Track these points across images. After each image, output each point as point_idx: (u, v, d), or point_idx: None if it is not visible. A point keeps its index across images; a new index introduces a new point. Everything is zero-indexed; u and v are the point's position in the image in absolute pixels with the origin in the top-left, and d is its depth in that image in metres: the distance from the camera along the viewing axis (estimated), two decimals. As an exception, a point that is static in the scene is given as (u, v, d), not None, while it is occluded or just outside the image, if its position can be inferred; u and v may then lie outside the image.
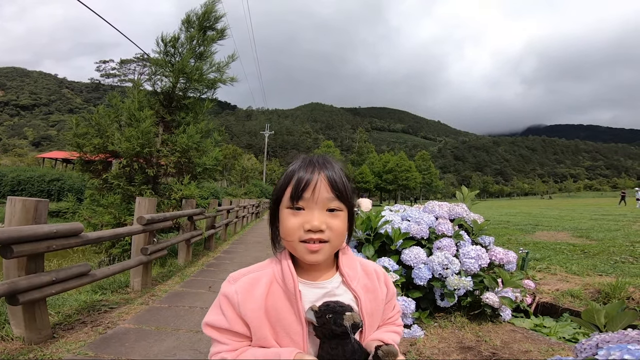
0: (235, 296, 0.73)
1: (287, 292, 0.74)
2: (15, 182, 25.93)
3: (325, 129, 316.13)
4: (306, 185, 0.72)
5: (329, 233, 0.73)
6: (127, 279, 4.29)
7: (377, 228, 3.33)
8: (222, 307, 0.74)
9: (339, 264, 0.80)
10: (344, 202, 0.75)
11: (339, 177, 0.75)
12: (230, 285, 0.75)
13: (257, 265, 0.80)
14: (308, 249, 0.72)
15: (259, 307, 0.73)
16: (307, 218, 0.72)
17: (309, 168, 0.75)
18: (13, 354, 2.24)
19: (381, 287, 0.83)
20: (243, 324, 0.73)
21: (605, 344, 1.27)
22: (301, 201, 0.73)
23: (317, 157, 0.79)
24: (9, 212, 2.37)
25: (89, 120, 6.44)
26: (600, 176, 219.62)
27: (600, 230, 7.83)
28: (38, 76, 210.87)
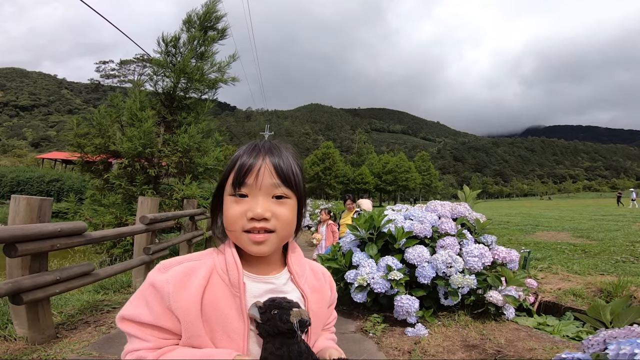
0: (165, 286, 0.63)
1: (229, 285, 0.67)
2: (15, 183, 25.92)
3: (325, 129, 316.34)
4: (248, 170, 0.67)
5: (275, 222, 0.67)
6: (128, 279, 4.30)
7: (380, 227, 3.34)
8: (148, 298, 0.64)
9: (287, 261, 0.75)
10: (291, 189, 0.69)
11: (286, 162, 0.69)
12: (161, 273, 0.65)
13: (196, 254, 0.71)
14: (252, 240, 0.66)
15: (194, 300, 0.64)
16: (250, 205, 0.66)
17: (253, 152, 0.69)
18: (16, 354, 2.23)
19: (327, 290, 0.80)
20: (172, 319, 0.64)
21: (612, 340, 1.27)
22: (244, 187, 0.67)
23: (264, 141, 0.73)
24: (12, 210, 2.36)
25: (89, 121, 6.44)
26: (599, 177, 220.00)
27: (600, 230, 7.84)
28: (37, 77, 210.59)
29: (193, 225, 6.33)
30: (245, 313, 0.66)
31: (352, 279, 3.14)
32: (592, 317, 1.54)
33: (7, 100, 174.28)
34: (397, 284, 2.92)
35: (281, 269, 0.74)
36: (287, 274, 0.74)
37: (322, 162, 61.87)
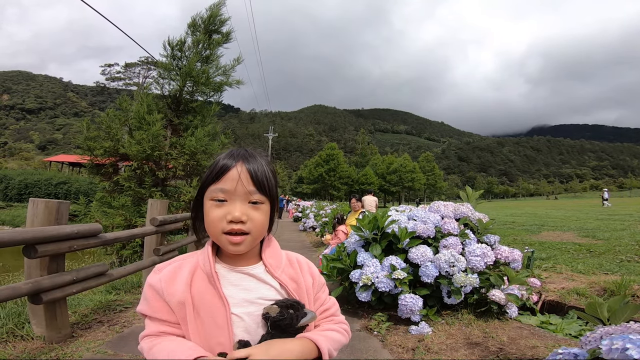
0: (159, 284, 0.76)
1: (207, 276, 0.77)
2: (23, 186, 26.22)
3: (329, 130, 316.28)
4: (228, 178, 0.75)
5: (250, 225, 0.75)
6: (139, 279, 4.39)
7: (384, 227, 3.40)
8: (147, 295, 0.77)
9: (262, 254, 0.84)
10: (265, 195, 0.77)
11: (261, 170, 0.78)
12: (155, 275, 0.78)
13: (182, 256, 0.83)
14: (230, 241, 0.75)
15: (181, 292, 0.75)
16: (229, 209, 0.75)
17: (231, 161, 0.77)
18: (34, 353, 2.30)
19: (305, 277, 0.87)
20: (168, 311, 0.75)
21: (608, 336, 1.33)
22: (223, 193, 0.75)
23: (242, 150, 0.81)
24: (31, 213, 2.45)
25: (98, 124, 6.57)
26: (606, 176, 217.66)
27: (606, 230, 7.83)
28: (43, 80, 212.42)
29: (200, 227, 6.43)
30: (224, 298, 0.75)
31: (356, 278, 3.20)
32: (590, 314, 1.59)
33: (14, 104, 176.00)
34: (401, 283, 2.98)
35: (257, 261, 0.83)
36: (262, 265, 0.83)
37: (326, 163, 61.85)
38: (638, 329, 1.34)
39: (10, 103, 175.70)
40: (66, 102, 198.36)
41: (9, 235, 2.01)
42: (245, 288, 0.79)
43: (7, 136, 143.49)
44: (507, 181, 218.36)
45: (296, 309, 0.75)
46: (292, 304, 0.75)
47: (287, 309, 0.74)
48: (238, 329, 0.75)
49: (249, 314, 0.77)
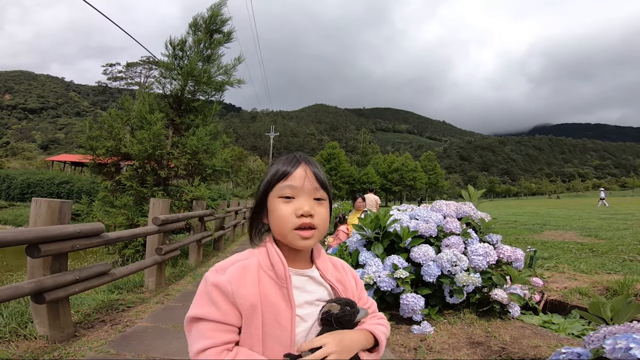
0: (228, 286, 0.74)
1: (275, 279, 0.78)
2: (25, 185, 26.31)
3: (330, 130, 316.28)
4: (296, 176, 0.80)
5: (317, 219, 0.80)
6: (141, 279, 4.39)
7: (386, 227, 3.40)
8: (214, 298, 0.73)
9: (314, 259, 0.88)
10: (326, 192, 0.83)
11: (320, 170, 0.84)
12: (219, 275, 0.76)
13: (240, 255, 0.82)
14: (301, 236, 0.78)
15: (253, 293, 0.75)
16: (298, 205, 0.79)
17: (294, 162, 0.83)
18: (37, 353, 2.30)
19: (349, 280, 0.92)
20: (236, 314, 0.74)
21: (612, 336, 1.33)
22: (291, 189, 0.79)
23: (299, 154, 0.87)
24: (34, 213, 2.46)
25: (100, 123, 6.58)
26: (609, 175, 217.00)
27: (608, 229, 7.80)
28: (45, 79, 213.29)
29: (202, 226, 6.45)
30: (292, 301, 0.78)
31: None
32: (592, 313, 1.59)
33: (16, 103, 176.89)
34: (403, 283, 2.97)
35: (311, 265, 0.87)
36: (317, 269, 0.86)
37: (327, 162, 61.85)
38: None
39: (12, 103, 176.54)
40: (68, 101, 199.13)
41: (12, 235, 2.01)
42: (306, 290, 0.82)
43: (9, 136, 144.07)
44: (509, 180, 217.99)
45: (352, 306, 0.81)
46: (348, 302, 0.81)
47: (345, 305, 0.79)
48: (299, 329, 0.78)
49: (308, 315, 0.80)
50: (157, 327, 2.93)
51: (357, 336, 0.79)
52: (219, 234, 7.63)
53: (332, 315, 0.78)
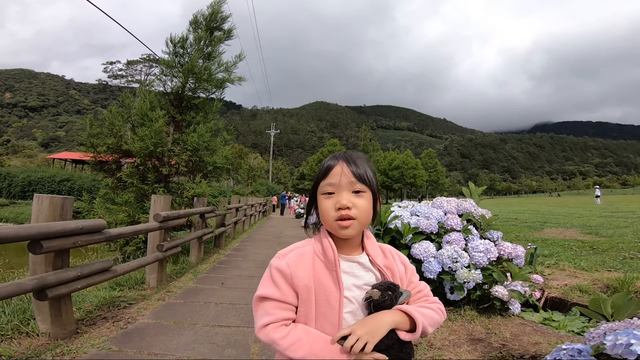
0: (287, 269, 0.87)
1: (327, 263, 0.88)
2: (26, 183, 26.32)
3: (331, 127, 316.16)
4: (334, 174, 0.89)
5: (355, 211, 0.87)
6: (142, 276, 4.40)
7: (387, 223, 3.39)
8: (275, 279, 0.87)
9: (364, 246, 0.95)
10: (365, 184, 0.90)
11: (360, 164, 0.91)
12: (281, 260, 0.89)
13: (299, 243, 0.95)
14: (340, 225, 0.87)
15: (307, 275, 0.86)
16: (337, 199, 0.88)
17: (334, 160, 0.92)
18: (40, 350, 2.30)
19: (398, 266, 0.98)
20: (293, 294, 0.86)
21: (612, 332, 1.33)
22: (331, 186, 0.89)
23: (342, 152, 0.96)
24: (36, 209, 2.46)
25: (101, 121, 6.58)
26: (609, 173, 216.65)
27: (609, 227, 7.80)
28: (45, 78, 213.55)
29: (203, 223, 6.46)
30: (341, 283, 0.87)
31: None
32: (593, 310, 1.59)
33: (16, 102, 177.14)
34: None
35: (361, 251, 0.95)
36: (366, 256, 0.94)
37: (328, 160, 61.74)
38: (642, 325, 1.34)
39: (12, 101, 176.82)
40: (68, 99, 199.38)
41: (14, 231, 2.02)
42: (354, 275, 0.91)
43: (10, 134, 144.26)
44: (510, 178, 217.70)
45: (393, 290, 0.85)
46: (389, 285, 0.86)
47: (386, 291, 0.84)
48: (346, 309, 0.87)
49: (356, 297, 0.88)
50: (158, 324, 2.94)
51: (387, 317, 0.83)
52: (220, 231, 7.64)
53: (373, 300, 0.83)
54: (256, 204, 15.53)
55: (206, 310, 3.40)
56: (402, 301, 0.87)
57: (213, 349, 2.52)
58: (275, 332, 0.83)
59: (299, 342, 0.82)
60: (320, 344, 0.81)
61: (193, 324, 2.99)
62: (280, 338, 0.83)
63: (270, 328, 0.84)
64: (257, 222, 15.65)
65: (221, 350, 2.51)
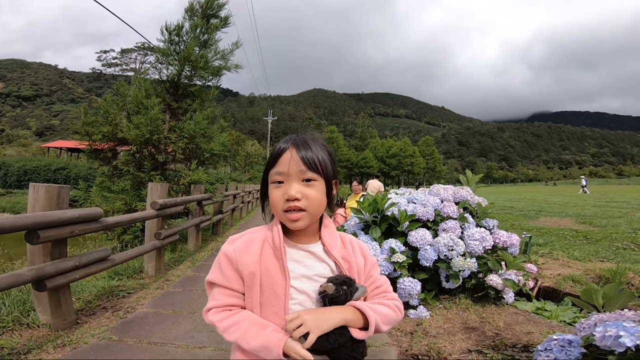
0: (233, 254, 0.84)
1: (275, 251, 0.84)
2: (22, 172, 26.12)
3: (328, 114, 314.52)
4: (282, 161, 0.83)
5: (305, 202, 0.81)
6: (140, 264, 4.42)
7: (384, 210, 3.39)
8: (222, 265, 0.85)
9: (321, 234, 0.91)
10: (317, 173, 0.83)
11: (313, 150, 0.84)
12: (229, 245, 0.87)
13: (253, 229, 0.91)
14: (289, 218, 0.82)
15: (254, 262, 0.83)
16: (286, 189, 0.82)
17: (284, 145, 0.85)
18: (41, 341, 2.31)
19: (357, 258, 0.93)
20: (239, 280, 0.84)
21: (602, 323, 1.36)
22: (280, 175, 0.83)
23: (294, 135, 0.88)
24: (32, 198, 2.44)
25: (96, 109, 6.52)
26: (606, 163, 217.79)
27: (603, 217, 7.87)
28: (38, 67, 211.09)
29: (200, 211, 6.47)
30: (287, 272, 0.83)
31: None
32: (585, 300, 1.62)
33: (9, 91, 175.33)
34: (400, 267, 2.98)
35: (316, 241, 0.90)
36: (321, 245, 0.90)
37: (325, 146, 61.66)
38: (632, 316, 1.37)
39: (5, 91, 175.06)
40: (62, 88, 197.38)
41: (11, 221, 2.01)
42: (305, 265, 0.86)
43: (3, 123, 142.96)
44: (507, 166, 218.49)
45: (349, 284, 0.82)
46: (345, 280, 0.82)
47: (341, 285, 0.81)
48: (294, 300, 0.83)
49: (305, 288, 0.84)
50: (157, 313, 2.97)
51: (337, 312, 0.79)
52: (217, 218, 7.67)
53: (327, 295, 0.80)
54: (254, 191, 15.54)
55: (205, 298, 3.41)
56: (357, 297, 0.83)
57: (212, 337, 2.55)
58: (214, 316, 0.84)
59: (235, 325, 0.81)
60: (255, 328, 0.79)
61: (192, 313, 3.02)
62: (218, 320, 0.82)
63: (212, 312, 0.84)
64: (254, 208, 15.69)
65: (220, 338, 2.54)
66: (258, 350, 0.77)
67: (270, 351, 0.76)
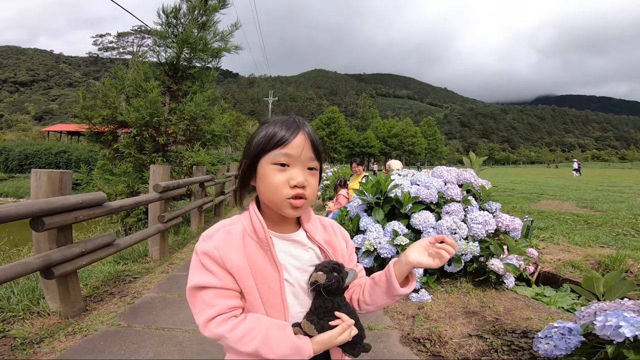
0: (215, 251, 0.74)
1: (259, 242, 0.77)
2: (23, 157, 26.11)
3: (329, 95, 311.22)
4: (294, 144, 0.76)
5: (309, 190, 0.77)
6: (145, 248, 4.45)
7: (387, 192, 3.37)
8: (206, 265, 0.74)
9: (301, 221, 0.86)
10: (319, 162, 0.80)
11: (316, 138, 0.80)
12: (207, 242, 0.76)
13: (226, 221, 0.81)
14: (292, 205, 0.76)
15: (240, 256, 0.75)
16: (292, 174, 0.75)
17: (294, 128, 0.77)
18: (52, 330, 2.32)
19: (339, 241, 0.90)
20: (232, 279, 0.74)
21: (602, 312, 1.38)
22: (287, 158, 0.75)
23: (296, 117, 0.81)
24: (34, 184, 2.42)
25: (94, 93, 6.45)
26: (609, 147, 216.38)
27: (605, 201, 7.88)
28: (33, 53, 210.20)
29: (203, 192, 6.50)
30: (278, 264, 0.77)
31: (359, 243, 3.21)
32: (585, 288, 1.63)
33: (6, 78, 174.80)
34: (403, 249, 2.97)
35: (297, 228, 0.85)
36: (303, 232, 0.85)
37: (327, 126, 61.40)
38: (632, 306, 1.38)
39: (2, 77, 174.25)
40: (59, 73, 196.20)
41: (15, 209, 2.01)
42: (292, 254, 0.81)
43: (2, 109, 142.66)
44: (509, 148, 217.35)
45: (339, 271, 0.79)
46: (334, 266, 0.79)
47: (331, 272, 0.78)
48: (288, 292, 0.79)
49: (297, 278, 0.80)
50: (163, 298, 3.01)
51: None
52: (219, 199, 7.71)
53: (320, 285, 0.77)
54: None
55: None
56: (349, 282, 0.80)
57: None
58: (220, 327, 0.72)
59: (250, 333, 0.72)
60: (276, 330, 0.74)
61: (197, 297, 3.06)
62: (227, 331, 0.72)
63: (216, 321, 0.73)
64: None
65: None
66: (289, 354, 0.72)
67: (302, 353, 0.73)
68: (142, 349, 2.15)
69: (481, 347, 2.05)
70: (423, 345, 2.18)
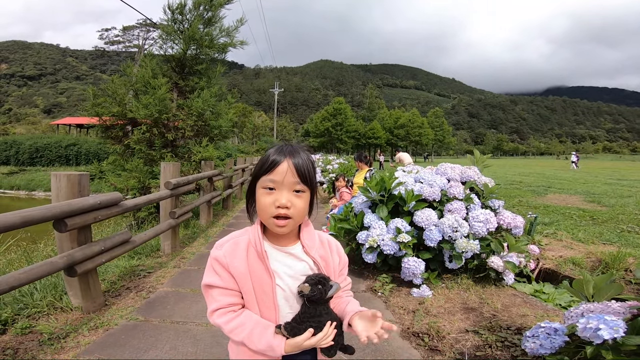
0: (224, 258, 0.93)
1: (258, 254, 0.94)
2: (33, 150, 26.47)
3: (335, 85, 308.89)
4: (278, 171, 0.90)
5: (293, 210, 0.91)
6: (157, 242, 4.60)
7: (391, 189, 3.45)
8: (215, 268, 0.94)
9: (300, 235, 1.01)
10: (306, 185, 0.93)
11: (304, 164, 0.92)
12: (218, 250, 0.95)
13: (237, 233, 1.00)
14: (276, 224, 0.91)
15: (243, 264, 0.93)
16: (277, 197, 0.90)
17: (280, 156, 0.91)
18: (76, 324, 2.45)
19: (333, 257, 1.05)
20: (234, 280, 0.93)
21: (588, 314, 1.47)
22: (273, 183, 0.91)
23: (289, 146, 0.95)
24: (55, 187, 2.56)
25: (104, 90, 6.59)
26: (620, 139, 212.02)
27: (612, 195, 7.80)
28: (40, 47, 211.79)
29: (211, 186, 6.65)
30: (271, 272, 0.93)
31: (363, 240, 3.30)
32: (576, 290, 1.72)
33: (13, 72, 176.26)
34: (405, 246, 3.06)
35: (296, 241, 1.00)
36: (300, 245, 0.99)
37: (333, 117, 61.15)
38: (618, 308, 1.47)
39: (9, 72, 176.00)
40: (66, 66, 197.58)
41: (40, 212, 2.14)
42: (286, 264, 0.96)
43: (10, 103, 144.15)
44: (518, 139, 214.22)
45: (323, 283, 0.92)
46: (320, 279, 0.92)
47: (316, 285, 0.91)
48: (279, 296, 0.95)
49: (289, 285, 0.95)
50: (177, 292, 3.14)
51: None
52: (227, 193, 7.86)
53: (305, 295, 0.91)
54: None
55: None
56: (332, 294, 0.93)
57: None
58: (220, 317, 0.93)
59: (241, 327, 0.91)
60: (259, 330, 0.91)
61: (208, 291, 3.20)
62: (225, 322, 0.92)
63: (218, 314, 0.93)
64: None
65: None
66: (264, 350, 0.90)
67: (274, 351, 0.90)
68: (160, 342, 2.29)
69: (476, 343, 2.16)
70: (422, 340, 2.29)
